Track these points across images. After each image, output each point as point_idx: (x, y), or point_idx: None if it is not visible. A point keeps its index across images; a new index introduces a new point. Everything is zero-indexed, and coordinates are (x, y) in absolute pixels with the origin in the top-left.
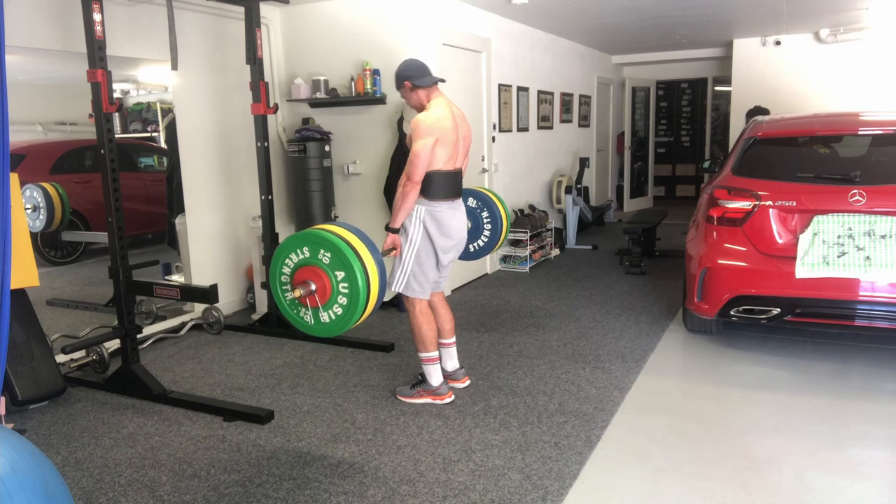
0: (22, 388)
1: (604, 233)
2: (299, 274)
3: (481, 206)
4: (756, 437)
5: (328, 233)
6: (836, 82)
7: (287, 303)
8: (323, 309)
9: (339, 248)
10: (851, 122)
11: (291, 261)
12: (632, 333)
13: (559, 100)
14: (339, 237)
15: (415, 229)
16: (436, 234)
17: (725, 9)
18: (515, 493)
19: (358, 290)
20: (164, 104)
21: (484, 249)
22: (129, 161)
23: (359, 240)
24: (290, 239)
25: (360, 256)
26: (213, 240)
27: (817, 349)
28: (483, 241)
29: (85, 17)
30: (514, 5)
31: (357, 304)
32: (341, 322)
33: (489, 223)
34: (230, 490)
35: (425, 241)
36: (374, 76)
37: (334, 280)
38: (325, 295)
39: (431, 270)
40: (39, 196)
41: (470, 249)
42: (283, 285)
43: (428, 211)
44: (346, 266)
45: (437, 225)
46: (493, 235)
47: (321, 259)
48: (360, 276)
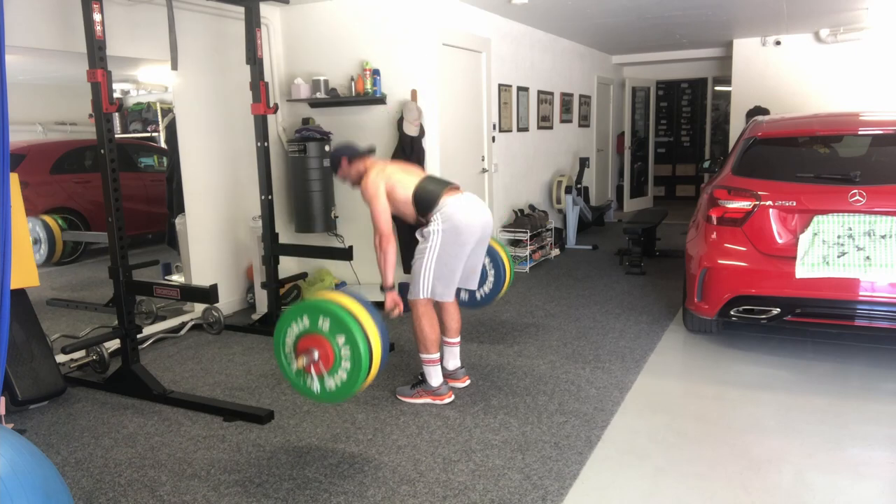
0: (22, 388)
1: (604, 233)
2: (302, 344)
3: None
4: (756, 437)
5: (325, 300)
6: (836, 82)
7: (293, 374)
8: (328, 375)
9: (336, 313)
10: (851, 122)
11: (293, 332)
12: (632, 333)
13: (559, 100)
14: (335, 303)
15: (435, 236)
16: (453, 233)
17: (725, 9)
18: (515, 493)
19: (360, 353)
20: (164, 104)
21: (490, 294)
22: (129, 161)
23: (357, 303)
24: (289, 311)
25: (358, 319)
26: (213, 240)
27: (817, 349)
28: (488, 287)
29: (85, 17)
30: (514, 5)
31: (361, 366)
32: (348, 386)
33: (492, 269)
34: (230, 490)
35: (446, 244)
36: (374, 76)
37: (336, 345)
38: (328, 361)
39: (458, 268)
40: (40, 229)
41: (477, 297)
42: (287, 357)
43: (442, 215)
44: (344, 330)
45: (453, 225)
46: (497, 280)
47: (321, 326)
48: (360, 338)
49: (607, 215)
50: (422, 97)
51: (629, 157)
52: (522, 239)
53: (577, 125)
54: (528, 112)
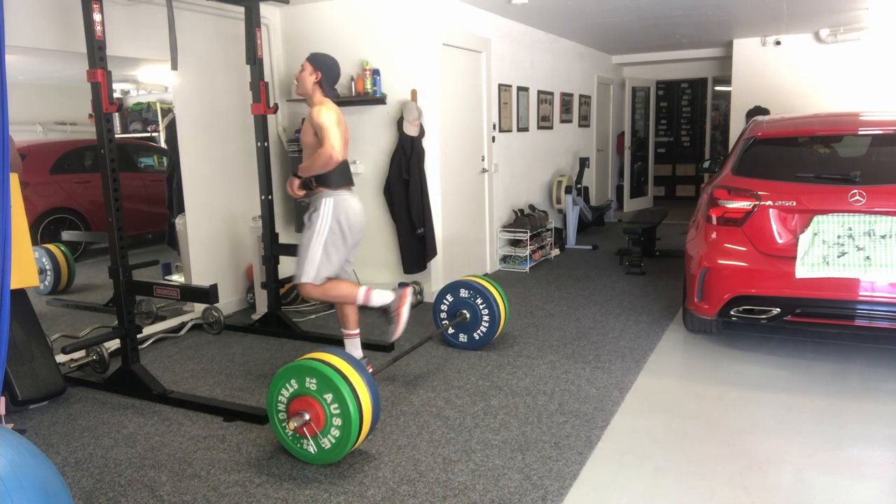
0: (22, 388)
1: (604, 233)
2: (293, 406)
3: (473, 295)
4: (756, 437)
5: (312, 360)
6: (836, 82)
7: (289, 438)
8: (321, 435)
9: (322, 373)
10: (851, 122)
11: (284, 396)
12: (632, 333)
13: (559, 100)
14: (322, 362)
15: (323, 221)
16: (343, 222)
17: (725, 9)
18: (515, 493)
19: (348, 409)
20: (164, 104)
21: (488, 334)
22: (129, 161)
23: (343, 361)
24: (278, 375)
25: (345, 376)
26: (213, 240)
27: (817, 349)
28: (484, 327)
29: (85, 17)
30: (514, 5)
31: (351, 423)
32: (341, 443)
33: (485, 309)
34: (230, 490)
35: (333, 231)
36: (374, 76)
37: (325, 404)
38: (319, 421)
39: (341, 256)
40: (45, 258)
41: (475, 337)
42: (281, 422)
43: (336, 201)
44: (332, 388)
45: (346, 214)
46: (492, 320)
47: (308, 387)
48: (348, 394)
49: (607, 215)
50: (422, 97)
51: (629, 157)
52: (522, 239)
53: (577, 125)
54: (528, 112)
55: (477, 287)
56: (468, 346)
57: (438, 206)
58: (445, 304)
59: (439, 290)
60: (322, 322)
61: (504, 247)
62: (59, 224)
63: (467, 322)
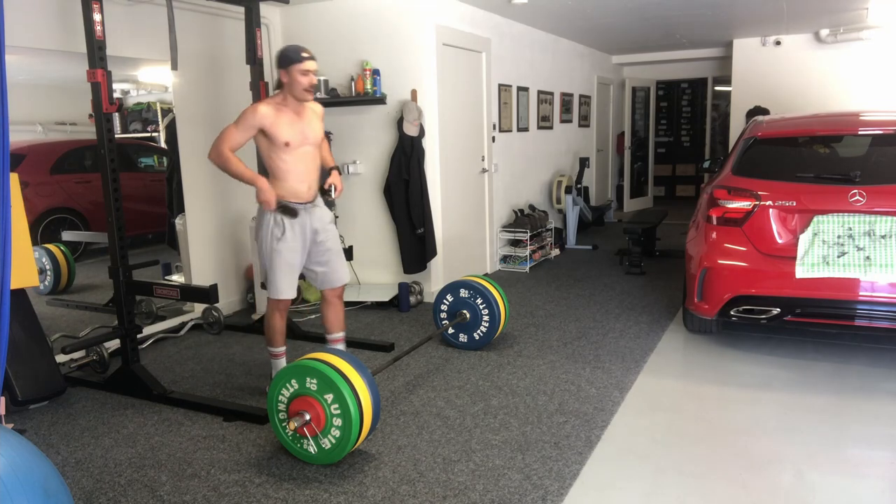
0: (22, 388)
1: (604, 233)
2: (293, 406)
3: (473, 295)
4: (756, 437)
5: (312, 360)
6: (836, 82)
7: (289, 438)
8: (322, 435)
9: (322, 372)
10: (851, 122)
11: (284, 396)
12: (632, 333)
13: (559, 100)
14: (322, 362)
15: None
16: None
17: (725, 9)
18: (515, 493)
19: (349, 409)
20: (164, 104)
21: (488, 334)
22: (129, 161)
23: (344, 361)
24: (279, 375)
25: (346, 376)
26: (213, 240)
27: (817, 349)
28: (484, 328)
29: (85, 17)
30: (514, 5)
31: (352, 423)
32: (342, 443)
33: (485, 309)
34: (230, 490)
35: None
36: (374, 76)
37: (325, 404)
38: (320, 421)
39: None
40: (45, 258)
41: (475, 337)
42: (282, 422)
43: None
44: (332, 388)
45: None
46: (492, 320)
47: (309, 387)
48: (348, 394)
49: (607, 215)
50: (422, 97)
51: (629, 157)
52: (522, 239)
53: (577, 125)
54: (528, 112)
55: (477, 287)
56: (468, 346)
57: (438, 206)
58: (445, 305)
59: (439, 290)
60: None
61: (504, 247)
62: (59, 224)
63: (467, 322)
